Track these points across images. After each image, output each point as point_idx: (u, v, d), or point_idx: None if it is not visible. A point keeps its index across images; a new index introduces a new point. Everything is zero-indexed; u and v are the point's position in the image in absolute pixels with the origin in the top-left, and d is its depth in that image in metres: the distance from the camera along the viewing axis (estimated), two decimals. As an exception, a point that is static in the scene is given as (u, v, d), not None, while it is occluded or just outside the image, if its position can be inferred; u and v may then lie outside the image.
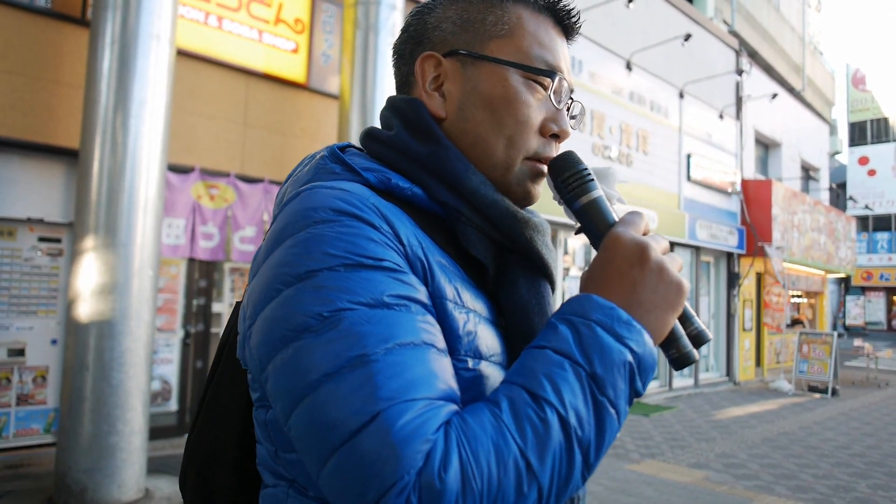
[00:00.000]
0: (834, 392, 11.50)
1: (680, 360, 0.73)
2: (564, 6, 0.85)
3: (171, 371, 6.07)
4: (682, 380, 11.85)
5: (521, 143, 0.81)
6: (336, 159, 0.78)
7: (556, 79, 0.82)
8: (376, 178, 0.76)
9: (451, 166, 0.77)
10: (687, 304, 0.73)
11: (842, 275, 18.97)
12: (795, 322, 14.82)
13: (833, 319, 26.38)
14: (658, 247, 0.71)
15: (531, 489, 0.58)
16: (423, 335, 0.64)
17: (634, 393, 0.65)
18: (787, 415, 9.39)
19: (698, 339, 0.75)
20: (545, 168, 0.82)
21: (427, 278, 0.69)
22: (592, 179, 0.77)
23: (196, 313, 6.32)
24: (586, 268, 0.74)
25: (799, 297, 16.95)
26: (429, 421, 0.57)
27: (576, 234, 0.80)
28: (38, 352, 5.41)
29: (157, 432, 5.69)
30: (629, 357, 0.64)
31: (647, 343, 0.66)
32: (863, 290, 31.11)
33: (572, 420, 0.60)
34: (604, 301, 0.67)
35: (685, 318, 0.74)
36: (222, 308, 6.51)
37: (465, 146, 0.81)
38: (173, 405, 6.09)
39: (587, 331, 0.64)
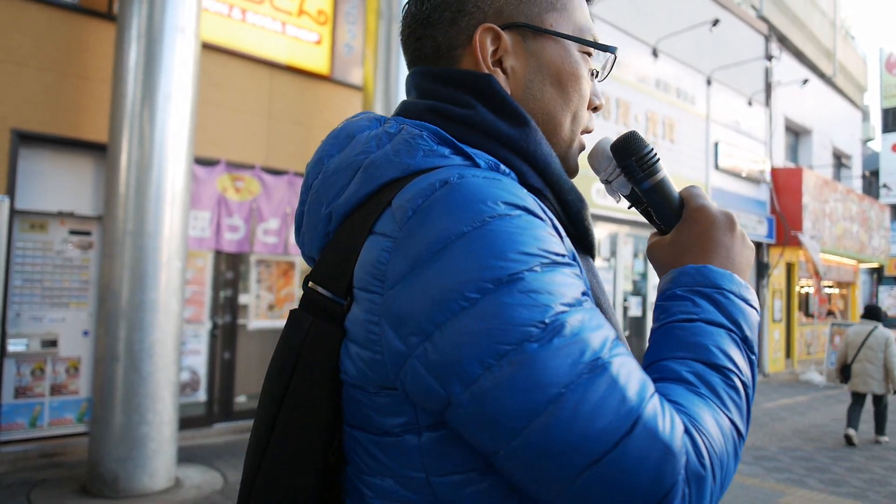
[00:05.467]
0: (867, 384, 11.23)
1: None
2: None
3: (199, 362, 6.14)
4: (709, 371, 11.69)
5: (582, 117, 0.81)
6: (443, 140, 0.70)
7: (614, 54, 0.82)
8: (486, 163, 0.69)
9: (541, 150, 0.74)
10: None
11: (875, 265, 18.52)
12: (828, 313, 14.51)
13: (865, 310, 25.76)
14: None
15: (740, 449, 0.64)
16: (611, 328, 0.63)
17: None
18: (818, 406, 9.21)
19: None
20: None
21: (579, 270, 0.66)
22: (659, 160, 0.78)
23: (223, 305, 6.38)
24: (663, 239, 0.78)
25: (830, 287, 16.60)
26: (674, 414, 0.59)
27: (629, 209, 0.83)
28: (70, 343, 5.51)
29: (186, 422, 5.77)
30: (757, 316, 0.72)
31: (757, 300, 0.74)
32: (896, 280, 30.37)
33: (747, 381, 0.66)
34: (724, 270, 0.72)
35: None
36: (249, 300, 6.56)
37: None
38: (202, 395, 6.16)
39: (725, 300, 0.70)
